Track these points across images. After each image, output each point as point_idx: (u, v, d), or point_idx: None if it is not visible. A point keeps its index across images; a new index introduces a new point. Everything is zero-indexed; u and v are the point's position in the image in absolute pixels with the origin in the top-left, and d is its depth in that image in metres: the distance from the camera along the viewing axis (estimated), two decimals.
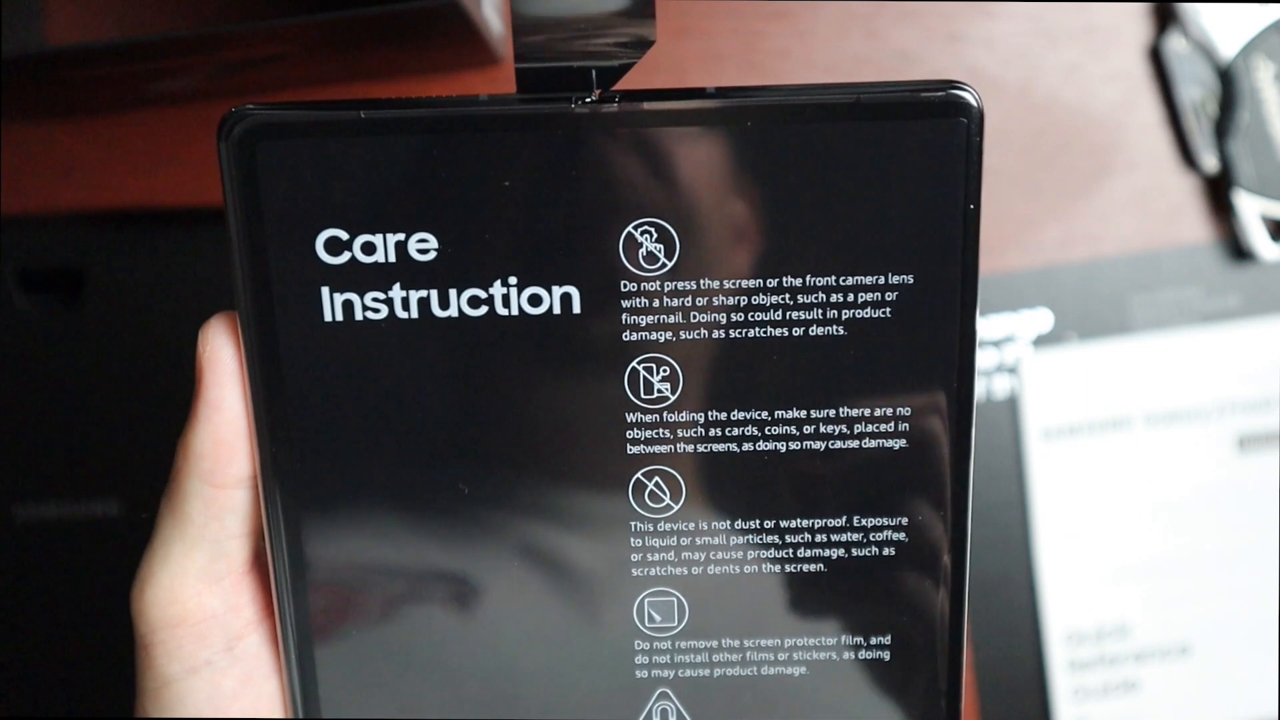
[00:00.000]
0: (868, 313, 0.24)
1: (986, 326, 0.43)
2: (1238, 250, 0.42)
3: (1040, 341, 0.43)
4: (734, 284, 0.24)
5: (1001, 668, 0.43)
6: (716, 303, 0.24)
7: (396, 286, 0.24)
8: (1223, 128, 0.41)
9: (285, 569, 0.26)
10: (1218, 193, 0.42)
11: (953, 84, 0.23)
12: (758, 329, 0.24)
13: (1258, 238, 0.42)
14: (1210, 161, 0.42)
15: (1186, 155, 0.42)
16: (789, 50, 0.41)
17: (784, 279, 0.24)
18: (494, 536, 0.26)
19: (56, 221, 0.41)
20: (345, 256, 0.24)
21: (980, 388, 0.43)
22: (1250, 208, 0.42)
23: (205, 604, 0.25)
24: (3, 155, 0.41)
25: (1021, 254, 0.42)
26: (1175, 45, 0.41)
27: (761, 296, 0.24)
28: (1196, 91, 0.42)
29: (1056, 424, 0.43)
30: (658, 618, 0.26)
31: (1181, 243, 0.43)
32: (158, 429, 0.25)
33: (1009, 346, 0.43)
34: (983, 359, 0.43)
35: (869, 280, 0.24)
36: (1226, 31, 0.41)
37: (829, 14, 0.41)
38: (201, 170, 0.41)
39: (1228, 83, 0.41)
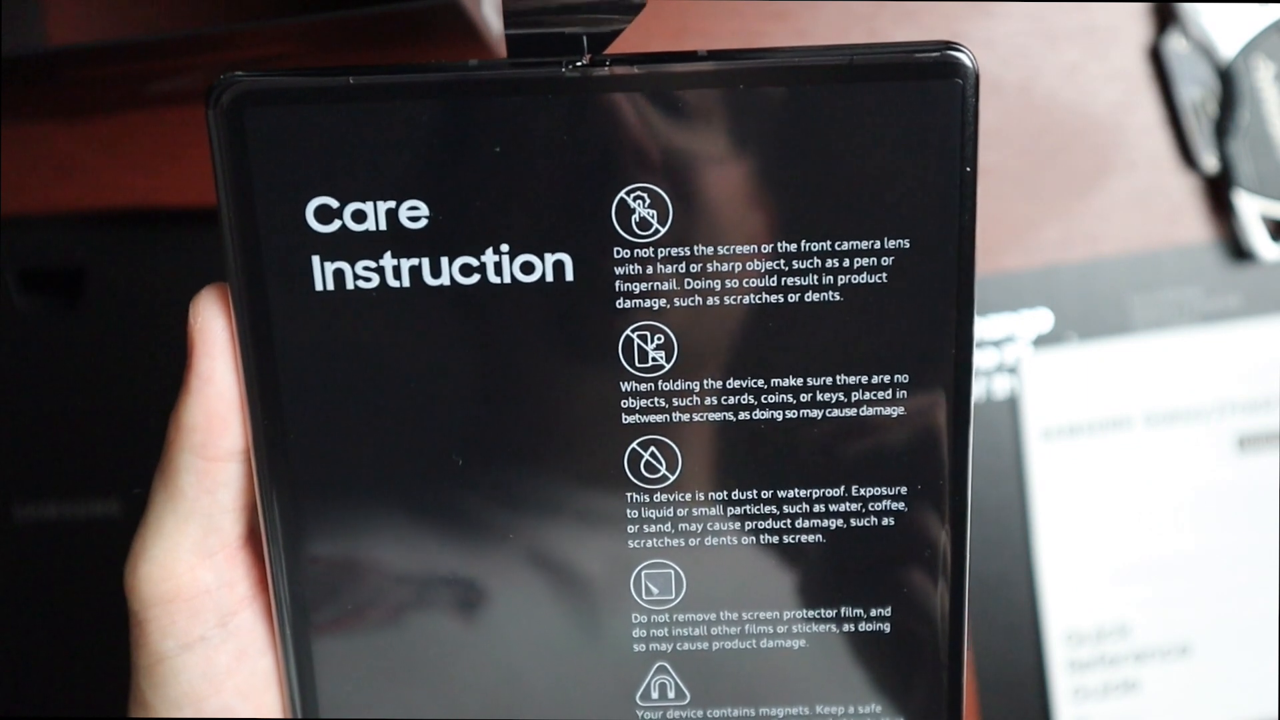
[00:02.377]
0: (864, 278, 0.24)
1: (986, 326, 0.43)
2: (1238, 250, 0.42)
3: (1040, 341, 0.43)
4: (728, 250, 0.24)
5: (1001, 668, 0.43)
6: (710, 269, 0.24)
7: (388, 255, 0.24)
8: (1223, 128, 0.41)
9: (278, 542, 0.25)
10: (1218, 193, 0.42)
11: (948, 45, 0.23)
12: (752, 295, 0.24)
13: (1258, 238, 0.42)
14: (1210, 161, 0.42)
15: (1186, 155, 0.42)
16: None
17: (778, 244, 0.24)
18: (488, 509, 0.25)
19: (56, 221, 0.41)
20: (336, 225, 0.24)
21: (980, 388, 0.43)
22: (1250, 208, 0.42)
23: (199, 579, 0.25)
24: (3, 155, 0.41)
25: (1021, 254, 0.42)
26: (1175, 45, 0.41)
27: (756, 262, 0.24)
28: (1196, 91, 0.42)
29: (1056, 424, 0.43)
30: (655, 590, 0.26)
31: (1181, 243, 0.43)
32: (158, 429, 0.25)
33: (1009, 346, 0.43)
34: (983, 359, 0.43)
35: (865, 245, 0.24)
36: (1226, 31, 0.41)
37: (829, 14, 0.41)
38: (202, 170, 0.41)
39: (1228, 83, 0.41)
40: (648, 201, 0.23)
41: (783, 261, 0.24)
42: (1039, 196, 0.42)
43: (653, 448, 0.25)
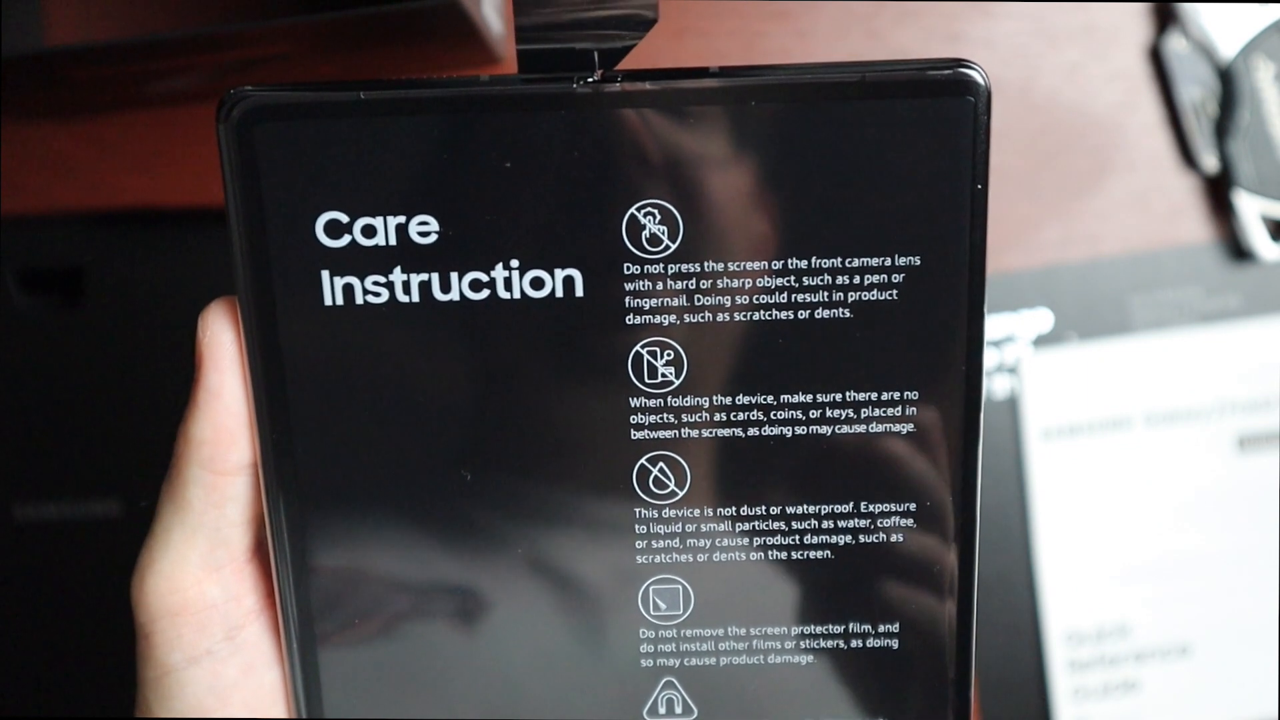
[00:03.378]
0: (874, 295, 0.24)
1: (987, 327, 0.42)
2: (1238, 250, 0.42)
3: (1040, 341, 0.43)
4: (738, 266, 0.24)
5: (1001, 668, 0.43)
6: (721, 285, 0.24)
7: (397, 270, 0.24)
8: (1223, 128, 0.41)
9: (286, 557, 0.25)
10: (1218, 193, 0.42)
11: (960, 62, 0.23)
12: (763, 312, 0.24)
13: (1258, 238, 0.42)
14: (1210, 161, 0.42)
15: (1186, 155, 0.42)
16: (789, 50, 0.41)
17: (789, 261, 0.24)
18: (496, 525, 0.25)
19: (56, 221, 0.41)
20: (345, 239, 0.24)
21: None
22: (1250, 208, 0.42)
23: (206, 593, 0.25)
24: (3, 155, 0.41)
25: (1021, 254, 0.42)
26: (1175, 45, 0.41)
27: (766, 279, 0.24)
28: (1196, 91, 0.42)
29: (1056, 424, 0.43)
30: (663, 606, 0.26)
31: (1181, 243, 0.43)
32: (158, 429, 0.25)
33: (1009, 346, 0.43)
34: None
35: (875, 262, 0.24)
36: (1226, 31, 0.41)
37: (829, 14, 0.41)
38: (201, 170, 0.41)
39: (1228, 83, 0.41)
40: (658, 217, 0.23)
41: (793, 278, 0.24)
42: (1039, 196, 0.42)
43: (661, 463, 0.25)
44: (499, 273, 0.24)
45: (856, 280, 0.24)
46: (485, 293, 0.24)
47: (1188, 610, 0.43)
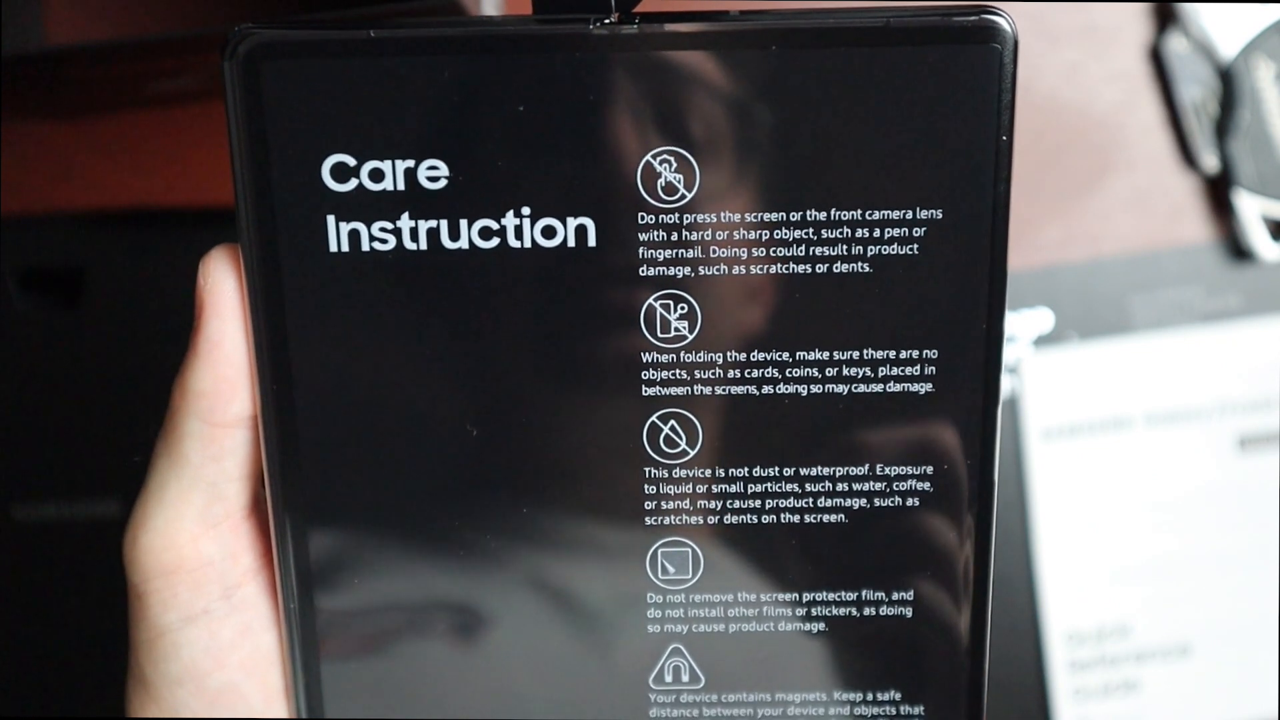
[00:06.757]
0: (894, 249, 0.23)
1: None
2: (1238, 250, 0.42)
3: (1040, 341, 0.43)
4: (756, 217, 0.23)
5: (1001, 668, 0.43)
6: (737, 237, 0.23)
7: (405, 216, 0.23)
8: (1223, 128, 0.41)
9: (284, 512, 0.25)
10: (1218, 193, 0.42)
11: (986, 8, 0.22)
12: (780, 265, 0.23)
13: (1258, 238, 0.42)
14: (1210, 161, 0.42)
15: (1186, 155, 0.42)
16: None
17: (808, 213, 0.23)
18: (501, 481, 0.25)
19: (56, 221, 0.41)
20: (352, 184, 0.23)
21: None
22: (1250, 208, 0.42)
23: (202, 550, 0.24)
24: (3, 155, 0.41)
25: (1021, 254, 0.42)
26: (1175, 45, 0.41)
27: (784, 231, 0.23)
28: (1196, 91, 0.42)
29: (1056, 424, 0.43)
30: (671, 570, 0.25)
31: (1181, 243, 0.43)
32: (158, 429, 0.25)
33: (1009, 346, 0.43)
34: None
35: (896, 215, 0.23)
36: (1226, 31, 0.41)
37: None
38: (202, 170, 0.41)
39: (1228, 83, 0.41)
40: (674, 166, 0.23)
41: (811, 230, 0.23)
42: (1039, 196, 0.42)
43: (673, 421, 0.24)
44: (509, 220, 0.23)
45: (876, 234, 0.23)
46: (495, 241, 0.23)
47: (1188, 610, 0.43)
